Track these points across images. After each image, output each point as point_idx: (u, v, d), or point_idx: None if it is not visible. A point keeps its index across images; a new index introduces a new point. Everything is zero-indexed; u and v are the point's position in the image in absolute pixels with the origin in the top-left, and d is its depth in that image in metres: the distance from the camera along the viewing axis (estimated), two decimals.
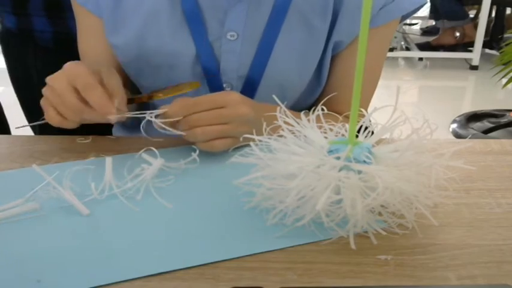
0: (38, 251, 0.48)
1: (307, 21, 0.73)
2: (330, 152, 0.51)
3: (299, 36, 0.74)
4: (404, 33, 3.80)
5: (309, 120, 0.55)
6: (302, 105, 0.81)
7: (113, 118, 0.61)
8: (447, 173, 0.52)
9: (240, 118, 0.63)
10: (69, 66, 0.62)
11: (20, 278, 0.44)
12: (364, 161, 0.49)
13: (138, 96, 0.70)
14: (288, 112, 0.54)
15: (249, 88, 0.76)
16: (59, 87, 0.61)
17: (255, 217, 0.52)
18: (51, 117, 0.63)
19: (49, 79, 0.62)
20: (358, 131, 0.54)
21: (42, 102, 0.64)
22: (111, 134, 0.92)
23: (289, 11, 0.72)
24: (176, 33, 0.73)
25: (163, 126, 0.62)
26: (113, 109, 0.60)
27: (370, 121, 0.57)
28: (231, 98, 0.63)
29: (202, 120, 0.62)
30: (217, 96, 0.64)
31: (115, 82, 0.63)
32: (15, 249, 0.48)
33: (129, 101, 0.67)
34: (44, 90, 0.63)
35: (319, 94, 0.81)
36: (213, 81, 0.76)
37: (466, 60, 3.48)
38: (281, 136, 0.54)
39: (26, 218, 0.53)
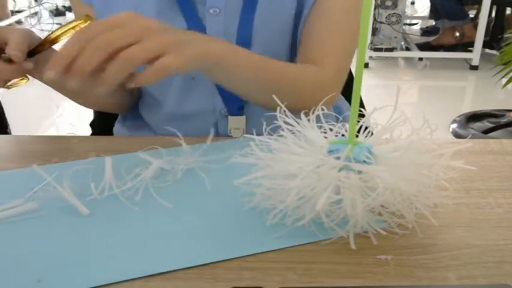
0: (38, 251, 0.48)
1: None
2: (330, 152, 0.51)
3: (277, 1, 0.76)
4: (404, 33, 3.80)
5: (309, 120, 0.55)
6: None
7: None
8: (447, 173, 0.52)
9: (151, 30, 0.56)
10: None
11: (20, 278, 0.44)
12: (364, 161, 0.49)
13: (40, 43, 0.67)
14: (288, 112, 0.54)
15: None
16: None
17: (255, 217, 0.52)
18: None
19: None
20: (358, 131, 0.54)
21: None
22: (111, 133, 0.92)
23: None
24: (167, 16, 0.74)
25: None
26: None
27: (370, 121, 0.57)
28: (125, 15, 0.56)
29: (112, 40, 0.53)
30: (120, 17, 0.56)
31: (16, 34, 0.63)
32: (15, 249, 0.48)
33: (35, 50, 0.66)
34: None
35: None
36: None
37: (466, 60, 3.49)
38: (281, 136, 0.54)
39: (26, 218, 0.53)
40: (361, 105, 0.88)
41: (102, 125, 0.97)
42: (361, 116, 0.54)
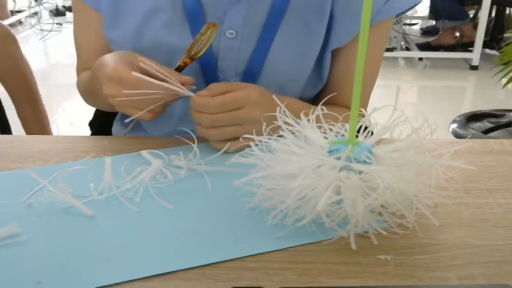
0: (38, 253, 0.48)
1: (304, 20, 0.74)
2: (330, 152, 0.51)
3: (296, 35, 0.74)
4: (404, 33, 3.80)
5: (308, 120, 0.55)
6: (303, 99, 0.81)
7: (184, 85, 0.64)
8: (447, 173, 0.52)
9: (254, 120, 0.64)
10: (110, 73, 0.63)
11: (20, 280, 0.44)
12: (365, 161, 0.49)
13: (182, 62, 0.70)
14: (288, 112, 0.54)
15: None
16: (121, 94, 0.63)
17: (255, 217, 0.52)
18: (141, 116, 0.65)
19: (105, 92, 0.64)
20: (358, 131, 0.54)
21: (120, 109, 0.66)
22: (110, 133, 0.92)
23: (287, 11, 0.73)
24: (175, 30, 0.74)
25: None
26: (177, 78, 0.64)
27: (370, 121, 0.57)
28: (250, 100, 0.65)
29: (221, 121, 0.64)
30: (239, 97, 0.65)
31: (154, 61, 0.65)
32: (15, 250, 0.48)
33: (178, 70, 0.69)
34: (111, 101, 0.65)
35: (321, 88, 0.82)
36: (210, 78, 0.76)
37: (466, 60, 3.48)
38: (281, 136, 0.54)
39: (25, 219, 0.53)
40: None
41: (101, 125, 0.97)
42: (361, 116, 0.54)
